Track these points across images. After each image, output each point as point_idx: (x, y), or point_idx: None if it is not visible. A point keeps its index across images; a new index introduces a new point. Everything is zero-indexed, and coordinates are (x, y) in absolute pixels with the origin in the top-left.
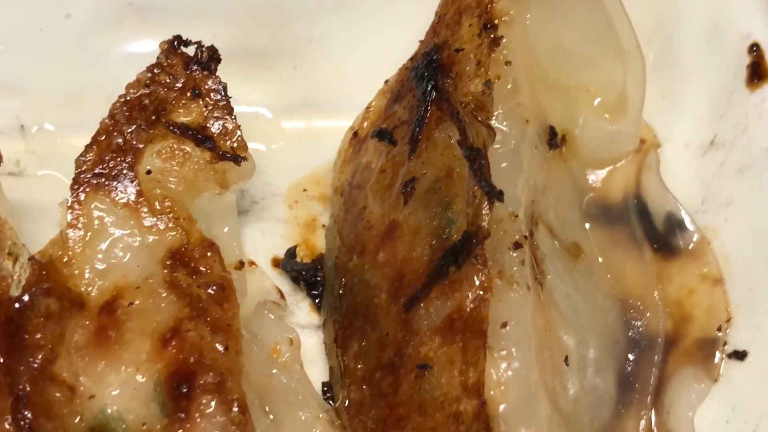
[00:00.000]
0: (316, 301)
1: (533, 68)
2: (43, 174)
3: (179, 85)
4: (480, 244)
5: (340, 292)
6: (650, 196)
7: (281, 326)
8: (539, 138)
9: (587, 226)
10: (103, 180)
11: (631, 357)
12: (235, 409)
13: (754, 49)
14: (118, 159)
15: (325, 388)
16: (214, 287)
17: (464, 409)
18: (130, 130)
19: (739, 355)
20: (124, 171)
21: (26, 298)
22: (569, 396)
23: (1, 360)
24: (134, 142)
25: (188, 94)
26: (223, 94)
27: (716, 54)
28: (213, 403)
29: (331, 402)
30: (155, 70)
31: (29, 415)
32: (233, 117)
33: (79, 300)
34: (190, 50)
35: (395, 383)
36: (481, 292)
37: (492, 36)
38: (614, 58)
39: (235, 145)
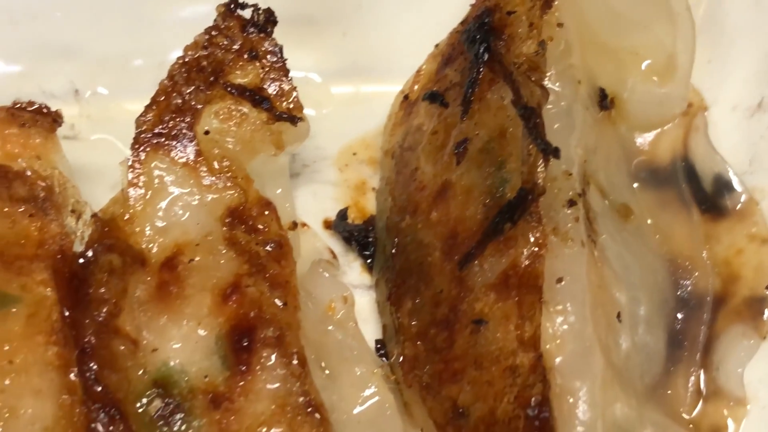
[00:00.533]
0: (368, 261)
1: (583, 31)
2: (96, 138)
3: (236, 47)
4: (535, 201)
5: (393, 251)
6: (698, 158)
7: (335, 284)
8: (590, 99)
9: (636, 187)
10: (163, 140)
11: (680, 316)
12: (295, 361)
13: None
14: (177, 119)
15: (379, 346)
16: (272, 245)
17: (520, 362)
18: (188, 91)
19: None
20: (183, 131)
21: (90, 254)
22: (621, 352)
23: (67, 313)
24: (193, 103)
25: (245, 56)
26: (279, 56)
27: (763, 16)
28: (273, 356)
29: (384, 359)
30: (213, 33)
31: (94, 367)
32: (289, 78)
33: (140, 256)
34: (246, 13)
35: (450, 338)
36: (536, 249)
37: None
38: (664, 20)
39: (291, 106)
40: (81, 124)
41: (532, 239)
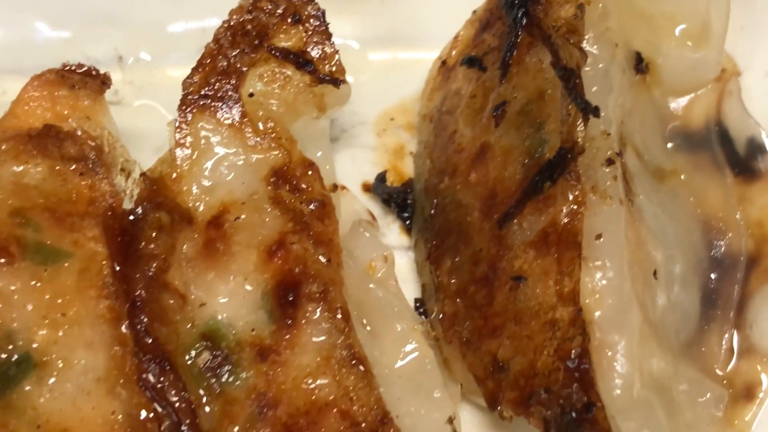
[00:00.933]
0: (406, 223)
1: None
2: (139, 104)
3: (280, 11)
4: (575, 160)
5: (432, 212)
6: (731, 121)
7: (376, 244)
8: (627, 62)
9: (670, 151)
10: (209, 101)
11: (713, 275)
12: (339, 316)
13: None
14: (223, 81)
15: (418, 304)
16: (315, 204)
17: (560, 316)
18: (233, 54)
19: None
20: (229, 93)
21: (139, 211)
22: (657, 309)
23: (117, 268)
24: (238, 66)
25: (288, 19)
26: (322, 19)
27: None
28: (318, 311)
29: (423, 317)
30: None
31: (145, 320)
32: (332, 42)
33: (187, 215)
34: None
35: (489, 295)
36: (575, 207)
37: None
38: None
39: (334, 69)
40: (124, 89)
41: (571, 197)
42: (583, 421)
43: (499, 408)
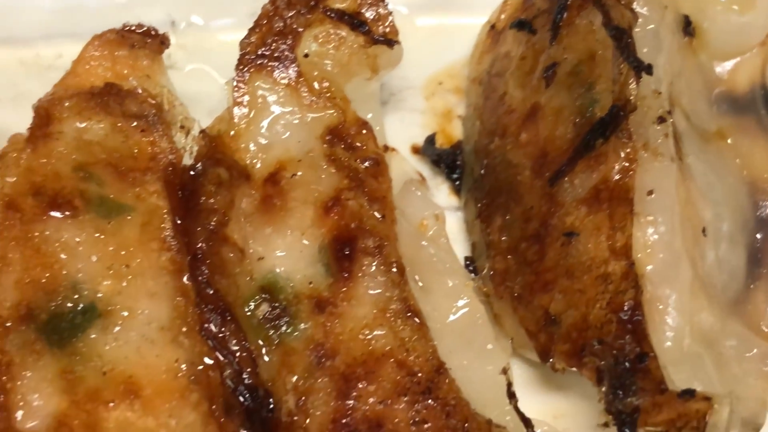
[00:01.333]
0: (455, 183)
1: None
2: (191, 68)
3: None
4: (626, 118)
5: (482, 172)
6: None
7: (427, 203)
8: (675, 25)
9: (716, 114)
10: (266, 61)
11: (759, 236)
12: (394, 269)
13: None
14: (279, 42)
15: (468, 262)
16: (370, 161)
17: (612, 270)
18: (289, 15)
19: None
20: (285, 53)
21: (199, 166)
22: (706, 265)
23: (179, 222)
24: (293, 27)
25: None
26: None
27: None
28: (374, 265)
29: (473, 274)
30: None
31: (206, 272)
32: (385, 3)
33: (245, 171)
34: None
35: (541, 251)
36: (627, 164)
37: None
38: None
39: (387, 30)
40: (177, 54)
41: (622, 155)
42: (636, 371)
43: (551, 360)
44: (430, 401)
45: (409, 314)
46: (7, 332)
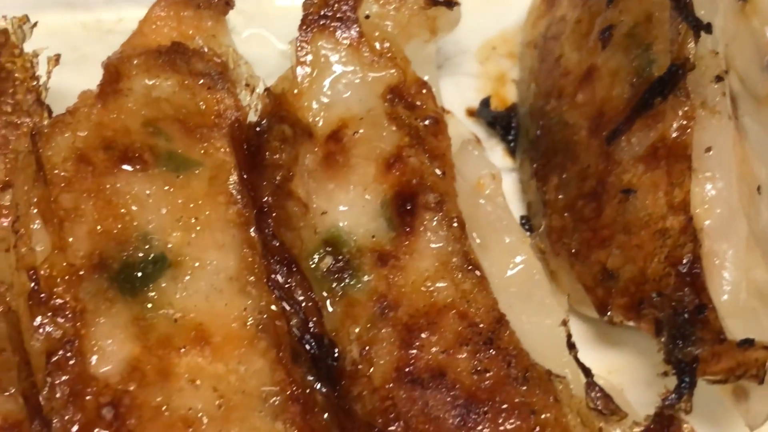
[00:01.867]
0: (510, 145)
1: None
2: (249, 33)
3: None
4: (685, 76)
5: (537, 133)
6: None
7: (484, 162)
8: None
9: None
10: (328, 21)
11: None
12: (455, 224)
13: None
14: (341, 3)
15: (523, 221)
16: (430, 120)
17: (670, 225)
18: None
19: None
20: (347, 14)
21: (264, 123)
22: (760, 222)
23: (245, 176)
24: None
25: None
26: None
27: None
28: (435, 219)
29: (529, 233)
30: None
31: (271, 225)
32: None
33: (308, 129)
34: None
35: (598, 208)
36: (685, 121)
37: None
38: None
39: None
40: (235, 19)
41: (680, 113)
42: (695, 322)
43: (608, 314)
44: (491, 351)
45: (469, 267)
46: (80, 280)
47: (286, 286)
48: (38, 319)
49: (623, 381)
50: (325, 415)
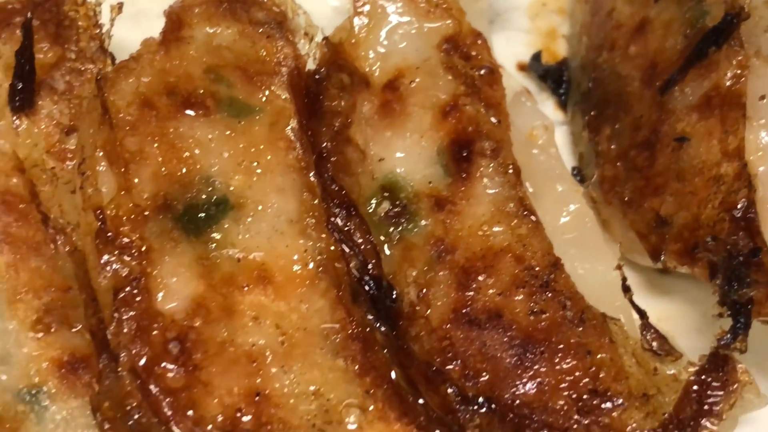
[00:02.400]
0: (561, 98)
1: None
2: None
3: None
4: (739, 26)
5: (589, 86)
6: None
7: (536, 113)
8: None
9: None
10: None
11: None
12: (510, 171)
13: None
14: None
15: (575, 172)
16: (485, 70)
17: (725, 171)
18: None
19: None
20: None
21: (323, 71)
22: None
23: (304, 122)
24: None
25: None
26: None
27: None
28: (491, 166)
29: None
30: None
31: (330, 170)
32: None
33: (365, 78)
34: None
35: (651, 157)
36: (739, 70)
37: None
38: None
39: None
40: None
41: (734, 62)
42: (750, 265)
43: (662, 259)
44: (547, 294)
45: (525, 213)
46: (145, 220)
47: (346, 228)
48: (105, 257)
49: (674, 329)
50: (385, 352)
